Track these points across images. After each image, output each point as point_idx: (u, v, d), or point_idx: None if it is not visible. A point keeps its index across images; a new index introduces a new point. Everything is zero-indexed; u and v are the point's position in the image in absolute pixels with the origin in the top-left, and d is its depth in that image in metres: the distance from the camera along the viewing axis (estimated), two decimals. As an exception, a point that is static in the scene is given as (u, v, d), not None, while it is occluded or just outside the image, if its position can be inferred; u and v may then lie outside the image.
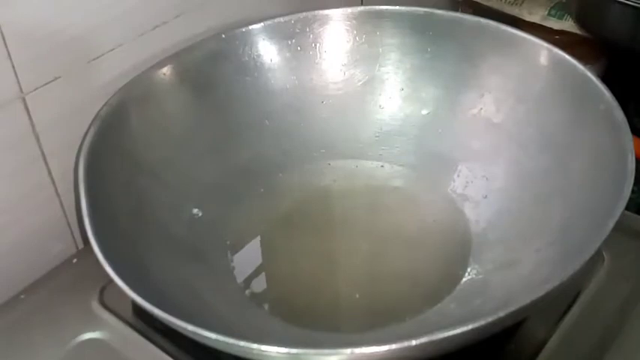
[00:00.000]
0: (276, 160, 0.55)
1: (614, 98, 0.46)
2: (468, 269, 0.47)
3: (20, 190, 0.47)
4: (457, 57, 0.55)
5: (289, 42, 0.57)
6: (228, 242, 0.50)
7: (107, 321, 0.45)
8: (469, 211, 0.51)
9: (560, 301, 0.45)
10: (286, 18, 0.56)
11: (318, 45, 0.57)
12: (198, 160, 0.52)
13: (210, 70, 0.54)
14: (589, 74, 0.48)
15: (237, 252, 0.50)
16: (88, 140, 0.46)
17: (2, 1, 0.42)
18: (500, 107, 0.53)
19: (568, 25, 0.69)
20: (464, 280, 0.47)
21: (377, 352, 0.33)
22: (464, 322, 0.34)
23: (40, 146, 0.47)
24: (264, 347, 0.34)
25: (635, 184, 0.40)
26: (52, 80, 0.46)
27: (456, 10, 0.76)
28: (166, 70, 0.52)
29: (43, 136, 0.47)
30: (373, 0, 0.60)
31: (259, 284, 0.48)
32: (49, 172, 0.48)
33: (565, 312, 0.45)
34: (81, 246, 0.52)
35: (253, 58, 0.56)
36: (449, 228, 0.51)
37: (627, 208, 0.39)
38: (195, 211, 0.50)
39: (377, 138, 0.57)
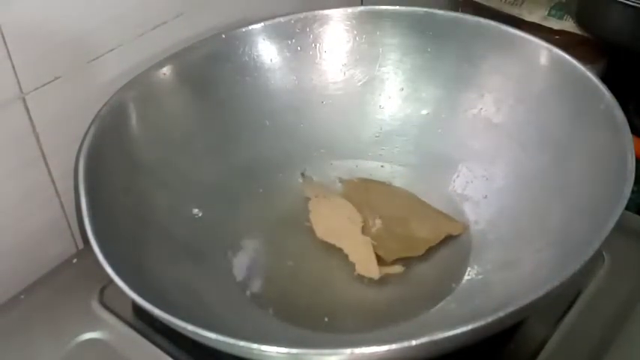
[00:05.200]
0: (276, 160, 0.55)
1: (614, 98, 0.46)
2: (468, 269, 0.47)
3: (20, 190, 0.47)
4: (457, 57, 0.55)
5: (289, 42, 0.57)
6: (228, 242, 0.50)
7: (107, 321, 0.45)
8: (469, 211, 0.51)
9: (560, 301, 0.45)
10: (286, 18, 0.56)
11: (318, 45, 0.57)
12: (198, 160, 0.52)
13: (210, 70, 0.54)
14: (589, 74, 0.48)
15: (237, 252, 0.50)
16: (88, 140, 0.46)
17: (2, 1, 0.42)
18: (500, 107, 0.53)
19: (568, 25, 0.69)
20: (464, 280, 0.47)
21: (377, 352, 0.33)
22: (464, 322, 0.34)
23: (40, 146, 0.47)
24: (264, 347, 0.34)
25: (635, 184, 0.40)
26: (52, 80, 0.46)
27: (456, 10, 0.76)
28: (166, 70, 0.52)
29: (43, 136, 0.47)
30: (373, 0, 0.60)
31: (259, 284, 0.48)
32: (49, 172, 0.48)
33: (565, 312, 0.45)
34: (81, 246, 0.52)
35: (253, 58, 0.56)
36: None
37: (627, 208, 0.39)
38: (195, 211, 0.50)
39: (377, 138, 0.57)
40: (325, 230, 0.51)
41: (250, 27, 0.55)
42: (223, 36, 0.55)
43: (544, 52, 0.51)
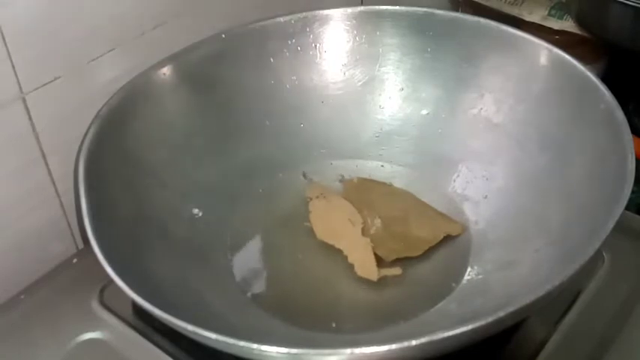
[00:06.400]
0: (276, 160, 0.55)
1: (614, 98, 0.46)
2: (468, 269, 0.47)
3: (20, 190, 0.47)
4: (457, 57, 0.55)
5: (289, 42, 0.57)
6: (228, 242, 0.50)
7: (107, 321, 0.45)
8: (469, 211, 0.51)
9: (560, 301, 0.45)
10: (286, 18, 0.56)
11: (318, 45, 0.57)
12: (198, 160, 0.52)
13: (210, 70, 0.54)
14: (589, 74, 0.48)
15: (237, 252, 0.50)
16: (88, 140, 0.46)
17: (2, 1, 0.42)
18: (500, 107, 0.53)
19: (568, 25, 0.69)
20: (464, 280, 0.47)
21: (377, 352, 0.33)
22: (464, 322, 0.34)
23: (40, 146, 0.47)
24: (264, 347, 0.34)
25: (635, 184, 0.40)
26: (52, 80, 0.46)
27: (456, 10, 0.76)
28: (166, 70, 0.52)
29: (43, 136, 0.47)
30: (373, 0, 0.60)
31: (259, 284, 0.48)
32: (49, 172, 0.48)
33: (565, 312, 0.45)
34: (81, 246, 0.52)
35: (253, 58, 0.56)
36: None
37: (627, 208, 0.39)
38: (195, 211, 0.50)
39: (377, 138, 0.57)
40: (325, 231, 0.51)
41: (250, 27, 0.55)
42: (223, 36, 0.55)
43: (544, 52, 0.51)
